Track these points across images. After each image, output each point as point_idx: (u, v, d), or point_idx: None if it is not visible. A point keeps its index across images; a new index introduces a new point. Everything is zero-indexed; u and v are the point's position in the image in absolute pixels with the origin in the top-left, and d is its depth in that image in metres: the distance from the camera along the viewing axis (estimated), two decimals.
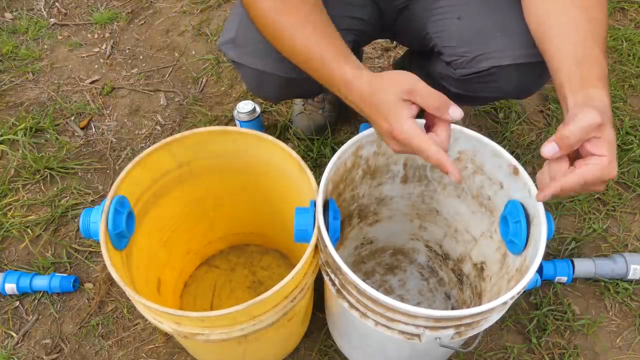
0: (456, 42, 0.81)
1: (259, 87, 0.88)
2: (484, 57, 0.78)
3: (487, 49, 0.78)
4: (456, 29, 0.81)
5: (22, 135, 1.30)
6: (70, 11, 1.66)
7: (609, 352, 0.97)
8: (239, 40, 0.82)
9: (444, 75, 0.87)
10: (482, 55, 0.78)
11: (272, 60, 0.80)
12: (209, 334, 0.66)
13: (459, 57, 0.81)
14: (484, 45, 0.78)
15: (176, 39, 1.56)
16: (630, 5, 1.60)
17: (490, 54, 0.77)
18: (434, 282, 1.03)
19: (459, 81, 0.85)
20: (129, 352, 0.98)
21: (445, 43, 0.83)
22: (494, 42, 0.77)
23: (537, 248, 0.64)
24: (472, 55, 0.79)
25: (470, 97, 0.89)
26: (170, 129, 1.34)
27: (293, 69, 0.73)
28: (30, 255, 1.11)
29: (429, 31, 0.85)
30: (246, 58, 0.83)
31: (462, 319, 0.60)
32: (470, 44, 0.79)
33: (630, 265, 1.02)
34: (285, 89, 0.88)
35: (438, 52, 0.85)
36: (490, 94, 0.86)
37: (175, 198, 0.86)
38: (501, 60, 0.77)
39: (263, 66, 0.82)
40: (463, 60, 0.81)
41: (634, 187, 1.19)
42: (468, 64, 0.81)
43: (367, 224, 0.96)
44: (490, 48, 0.77)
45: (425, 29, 0.86)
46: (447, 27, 0.82)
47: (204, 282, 1.05)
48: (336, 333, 0.92)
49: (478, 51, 0.79)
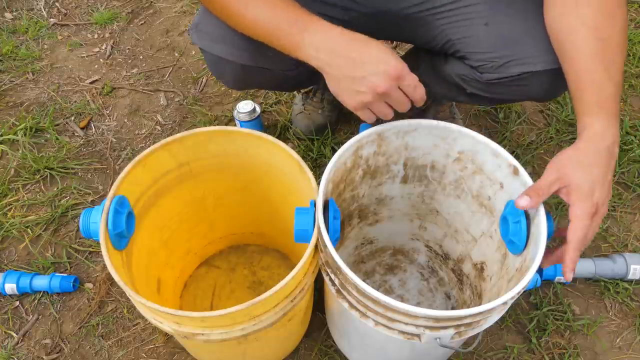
0: (485, 48, 0.81)
1: (219, 73, 0.89)
2: (513, 63, 0.78)
3: (517, 55, 0.78)
4: (484, 35, 0.81)
5: (22, 135, 1.30)
6: (70, 11, 1.66)
7: (609, 352, 0.97)
8: (201, 25, 0.83)
9: (466, 77, 0.87)
10: (512, 62, 0.78)
11: (228, 46, 0.80)
12: (209, 334, 0.66)
13: (487, 62, 0.81)
14: (513, 51, 0.78)
15: (176, 39, 1.56)
16: (631, 6, 1.60)
17: (521, 60, 0.78)
18: (434, 282, 1.03)
19: (484, 84, 0.85)
20: (129, 352, 0.98)
21: (471, 49, 0.82)
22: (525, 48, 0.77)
23: (537, 248, 0.64)
24: (503, 61, 0.79)
25: (489, 98, 0.89)
26: (170, 129, 1.34)
27: (249, 57, 0.73)
28: (30, 255, 1.11)
29: (452, 37, 0.84)
30: (206, 43, 0.83)
31: (462, 319, 0.60)
32: (499, 50, 0.79)
33: (630, 265, 1.02)
34: (243, 76, 0.88)
35: (462, 56, 0.85)
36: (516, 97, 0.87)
37: (175, 198, 0.86)
38: (534, 66, 0.77)
39: (220, 51, 0.82)
40: (492, 65, 0.80)
41: (634, 187, 1.19)
42: (497, 70, 0.80)
43: (367, 224, 0.96)
44: (520, 54, 0.77)
45: (447, 35, 0.85)
46: (474, 33, 0.82)
47: (204, 282, 1.05)
48: (336, 333, 0.92)
49: (509, 57, 0.78)
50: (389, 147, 0.79)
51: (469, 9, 0.82)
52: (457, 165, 0.80)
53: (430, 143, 0.78)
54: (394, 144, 0.78)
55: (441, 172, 0.83)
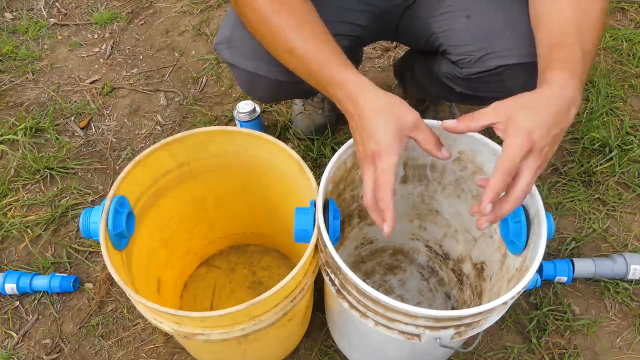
0: (463, 40, 0.81)
1: (251, 88, 0.88)
2: (491, 56, 0.78)
3: (495, 48, 0.77)
4: (464, 28, 0.81)
5: (22, 135, 1.30)
6: (70, 11, 1.66)
7: (609, 352, 0.97)
8: (234, 40, 0.82)
9: (449, 75, 0.87)
10: (489, 55, 0.78)
11: (264, 62, 0.80)
12: (209, 334, 0.66)
13: (465, 56, 0.81)
14: (492, 44, 0.78)
15: (176, 39, 1.56)
16: (630, 5, 1.60)
17: (497, 52, 0.77)
18: (434, 282, 1.03)
19: (464, 80, 0.84)
20: (129, 352, 0.98)
21: (451, 42, 0.82)
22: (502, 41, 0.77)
23: (537, 248, 0.64)
24: (480, 54, 0.79)
25: (475, 97, 0.89)
26: (170, 129, 1.34)
27: (285, 72, 0.72)
28: (30, 255, 1.11)
29: (435, 30, 0.84)
30: (239, 59, 0.82)
31: (462, 319, 0.60)
32: (478, 43, 0.79)
33: (630, 265, 1.02)
34: (276, 91, 0.87)
35: (444, 51, 0.85)
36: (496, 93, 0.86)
37: (175, 198, 0.86)
38: (508, 59, 0.77)
39: (255, 68, 0.81)
40: (470, 59, 0.80)
41: (634, 187, 1.19)
42: (475, 63, 0.80)
43: (367, 224, 0.96)
44: (498, 47, 0.77)
45: (431, 28, 0.85)
46: (455, 26, 0.82)
47: (204, 282, 1.05)
48: (336, 333, 0.92)
49: (485, 50, 0.78)
50: None
51: (452, 1, 0.82)
52: (457, 165, 0.80)
53: None
54: None
55: (441, 172, 0.83)
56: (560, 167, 1.23)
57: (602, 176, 1.21)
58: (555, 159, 1.25)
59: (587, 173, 1.21)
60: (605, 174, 1.21)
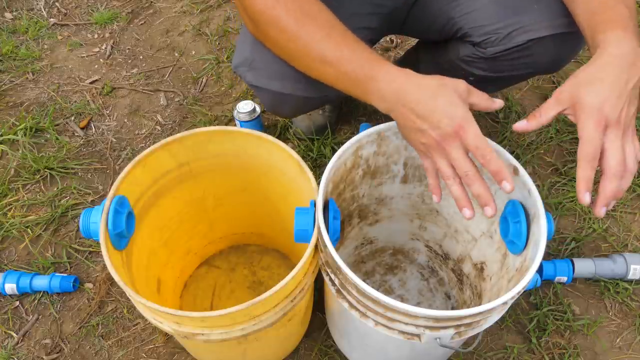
0: (487, 20, 0.79)
1: (276, 107, 0.87)
2: (520, 32, 0.76)
3: (523, 23, 0.76)
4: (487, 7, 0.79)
5: (22, 135, 1.30)
6: (70, 11, 1.66)
7: (609, 352, 0.97)
8: (256, 62, 0.80)
9: (469, 58, 0.85)
10: (517, 30, 0.77)
11: (290, 81, 0.79)
12: (209, 334, 0.66)
13: (491, 35, 0.79)
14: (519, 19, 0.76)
15: (176, 39, 1.56)
16: None
17: (525, 27, 0.75)
18: (434, 282, 1.03)
19: (489, 61, 0.83)
20: (129, 352, 0.98)
21: (474, 24, 0.81)
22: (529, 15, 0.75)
23: (537, 248, 0.64)
24: (507, 31, 0.77)
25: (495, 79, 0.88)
26: (170, 129, 1.34)
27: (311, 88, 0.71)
28: (30, 255, 1.11)
29: (453, 15, 0.83)
30: (263, 80, 0.81)
31: (462, 319, 0.60)
32: (504, 20, 0.78)
33: (630, 265, 1.02)
34: (302, 107, 0.87)
35: (464, 35, 0.84)
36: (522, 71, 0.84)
37: (175, 198, 0.86)
38: (539, 32, 0.75)
39: (281, 88, 0.80)
40: (496, 37, 0.79)
41: (634, 187, 1.19)
42: (502, 41, 0.79)
43: (367, 224, 0.96)
44: (526, 21, 0.75)
45: (448, 14, 0.84)
46: (476, 7, 0.80)
47: (204, 282, 1.05)
48: (336, 333, 0.92)
49: (513, 26, 0.77)
50: (389, 147, 0.79)
51: None
52: None
53: None
54: (394, 143, 0.78)
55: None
56: (560, 167, 1.23)
57: None
58: (555, 158, 1.25)
59: None
60: None
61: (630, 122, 0.56)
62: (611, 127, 0.55)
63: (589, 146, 0.55)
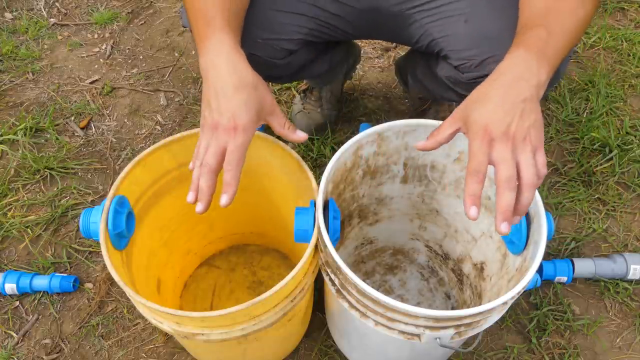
0: (463, 45, 0.80)
1: None
2: (493, 60, 0.77)
3: (495, 52, 0.76)
4: (463, 33, 0.80)
5: (22, 135, 1.30)
6: (70, 11, 1.66)
7: (609, 352, 0.97)
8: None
9: (451, 79, 0.87)
10: (490, 59, 0.77)
11: None
12: (209, 334, 0.66)
13: (466, 61, 0.80)
14: (492, 48, 0.77)
15: (176, 39, 1.56)
16: (630, 5, 1.60)
17: (497, 56, 0.76)
18: (434, 282, 1.03)
19: (467, 84, 0.84)
20: (129, 352, 0.98)
21: (451, 47, 0.82)
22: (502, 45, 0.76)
23: (537, 248, 0.64)
24: (481, 58, 0.78)
25: None
26: (170, 129, 1.34)
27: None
28: (30, 255, 1.11)
29: (435, 36, 0.84)
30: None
31: (462, 319, 0.60)
32: (478, 47, 0.79)
33: (630, 265, 1.02)
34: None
35: (445, 56, 0.84)
36: None
37: (176, 198, 0.86)
38: None
39: None
40: (471, 63, 0.80)
41: (634, 187, 1.19)
42: (476, 68, 0.80)
43: (367, 224, 0.96)
44: (498, 50, 0.76)
45: (431, 34, 0.85)
46: (454, 31, 0.81)
47: (204, 282, 1.05)
48: (336, 333, 0.92)
49: (487, 54, 0.78)
50: (389, 147, 0.79)
51: (450, 6, 0.82)
52: (457, 165, 0.80)
53: None
54: (394, 144, 0.78)
55: (441, 172, 0.83)
56: (560, 167, 1.23)
57: (602, 176, 1.21)
58: (555, 158, 1.25)
59: (587, 173, 1.21)
60: (605, 174, 1.21)
61: (525, 134, 0.56)
62: (497, 141, 0.55)
63: (473, 161, 0.56)
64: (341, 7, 0.87)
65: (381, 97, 1.37)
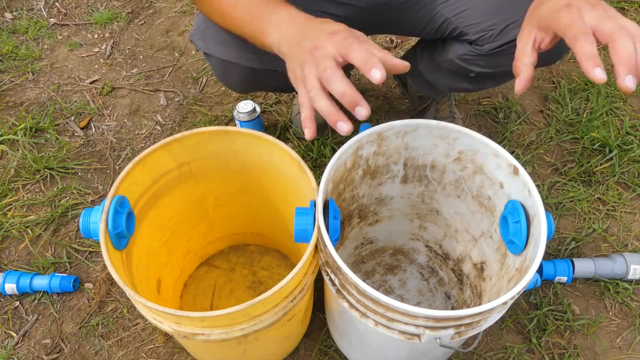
0: (481, 17, 0.81)
1: (225, 76, 0.90)
2: (514, 26, 0.78)
3: (516, 17, 0.77)
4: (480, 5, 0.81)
5: (22, 135, 1.30)
6: (70, 11, 1.66)
7: (609, 352, 0.97)
8: (207, 30, 0.84)
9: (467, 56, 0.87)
10: (511, 25, 0.78)
11: (234, 49, 0.81)
12: (209, 334, 0.66)
13: (486, 32, 0.81)
14: (512, 14, 0.78)
15: (176, 39, 1.56)
16: (630, 5, 1.60)
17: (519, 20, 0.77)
18: (434, 282, 1.03)
19: (486, 57, 0.85)
20: (129, 352, 0.98)
21: (468, 22, 0.83)
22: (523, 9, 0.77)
23: (537, 248, 0.64)
24: (501, 26, 0.79)
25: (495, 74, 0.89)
26: (170, 129, 1.34)
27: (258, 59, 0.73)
28: (30, 255, 1.11)
29: (448, 15, 0.85)
30: (211, 47, 0.84)
31: (462, 319, 0.60)
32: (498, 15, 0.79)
33: (630, 265, 1.02)
34: (250, 80, 0.88)
35: (459, 34, 0.85)
36: None
37: (175, 198, 0.86)
38: None
39: (226, 55, 0.83)
40: (491, 33, 0.81)
41: (634, 187, 1.19)
42: (497, 37, 0.80)
43: (367, 224, 0.96)
44: (519, 15, 0.77)
45: (442, 15, 0.86)
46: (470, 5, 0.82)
47: (204, 282, 1.05)
48: (336, 333, 0.92)
49: (507, 21, 0.79)
50: (389, 147, 0.79)
51: None
52: (457, 165, 0.80)
53: (430, 143, 0.78)
54: (394, 144, 0.78)
55: (441, 172, 0.83)
56: (560, 167, 1.23)
57: (602, 176, 1.21)
58: (555, 158, 1.25)
59: (587, 173, 1.21)
60: (605, 174, 1.21)
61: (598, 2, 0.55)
62: (584, 9, 0.53)
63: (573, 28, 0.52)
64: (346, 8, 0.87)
65: (381, 97, 1.37)
